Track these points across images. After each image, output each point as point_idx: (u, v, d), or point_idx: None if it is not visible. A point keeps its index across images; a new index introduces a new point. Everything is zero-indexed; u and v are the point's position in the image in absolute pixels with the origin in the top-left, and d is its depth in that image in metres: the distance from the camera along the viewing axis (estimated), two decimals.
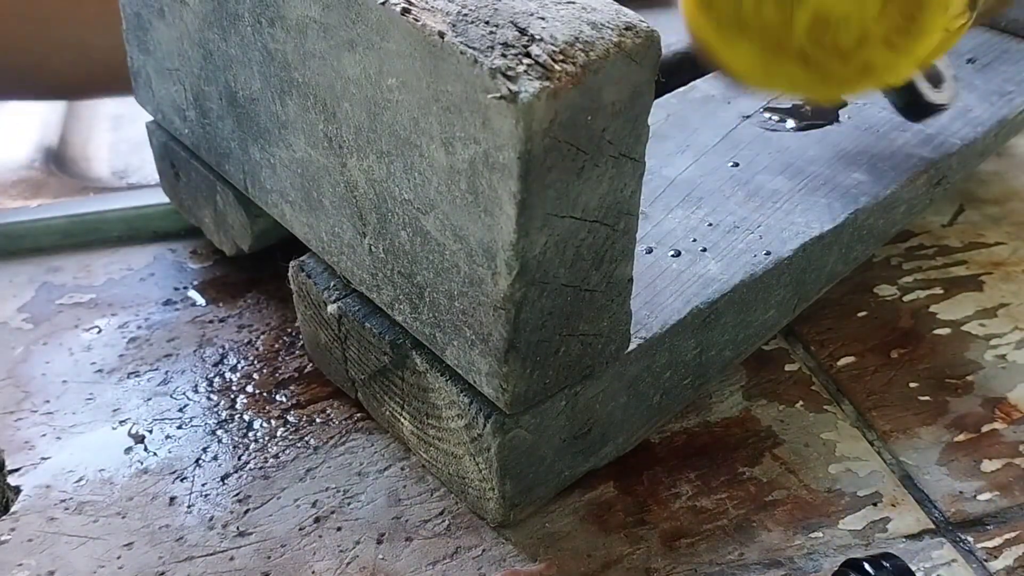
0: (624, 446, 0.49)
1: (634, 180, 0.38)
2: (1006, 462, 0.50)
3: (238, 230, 0.57)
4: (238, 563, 0.45)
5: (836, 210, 0.53)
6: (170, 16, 0.51)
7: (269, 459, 0.50)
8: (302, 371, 0.55)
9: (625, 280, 0.41)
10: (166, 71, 0.54)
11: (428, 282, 0.41)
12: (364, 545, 0.46)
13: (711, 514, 0.47)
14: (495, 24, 0.34)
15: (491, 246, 0.36)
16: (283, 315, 0.58)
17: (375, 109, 0.39)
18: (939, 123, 0.60)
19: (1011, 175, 0.72)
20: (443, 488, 0.48)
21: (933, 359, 0.56)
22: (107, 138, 0.78)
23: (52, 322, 0.58)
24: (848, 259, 0.55)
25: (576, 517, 0.47)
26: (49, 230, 0.64)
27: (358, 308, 0.47)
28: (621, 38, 0.34)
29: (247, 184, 0.52)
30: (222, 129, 0.52)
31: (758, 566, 0.45)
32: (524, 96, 0.32)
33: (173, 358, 0.56)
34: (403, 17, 0.36)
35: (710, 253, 0.50)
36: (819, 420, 0.52)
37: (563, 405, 0.43)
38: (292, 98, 0.44)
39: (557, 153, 0.34)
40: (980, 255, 0.64)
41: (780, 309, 0.52)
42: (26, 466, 0.50)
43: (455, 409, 0.43)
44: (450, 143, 0.36)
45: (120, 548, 0.46)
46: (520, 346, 0.38)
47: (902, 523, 0.47)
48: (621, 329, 0.42)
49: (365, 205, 0.43)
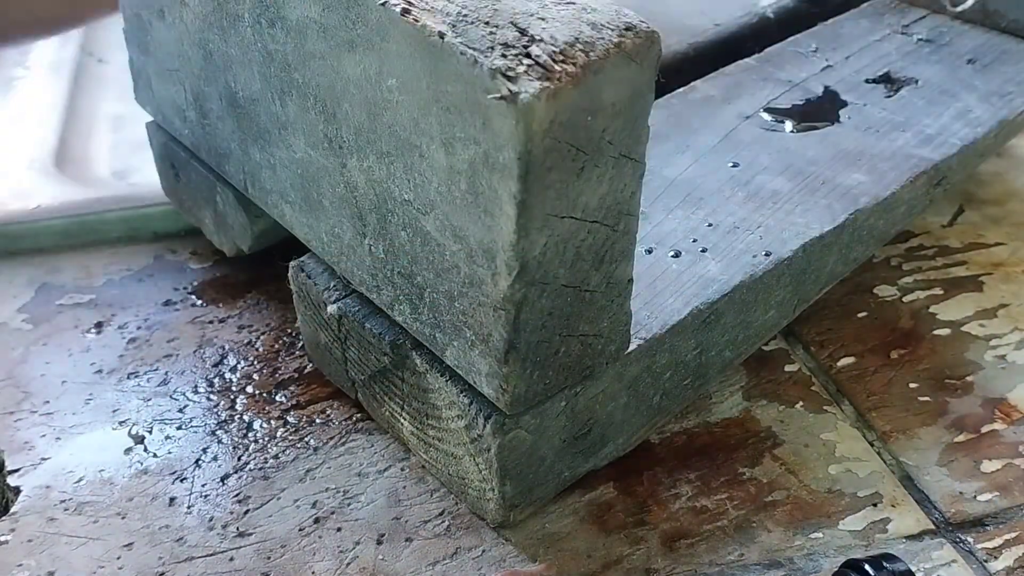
0: (624, 447, 0.48)
1: (634, 181, 0.38)
2: (1006, 462, 0.50)
3: (238, 230, 0.57)
4: (238, 563, 0.45)
5: (836, 211, 0.53)
6: (170, 17, 0.51)
7: (269, 460, 0.50)
8: (302, 372, 0.55)
9: (625, 281, 0.41)
10: (166, 72, 0.54)
11: (428, 283, 0.41)
12: (364, 546, 0.46)
13: (711, 515, 0.47)
14: (495, 25, 0.34)
15: (491, 247, 0.36)
16: (283, 316, 0.59)
17: (375, 110, 0.39)
18: (939, 123, 0.61)
19: (1011, 176, 0.72)
20: (443, 489, 0.48)
21: (933, 360, 0.56)
22: (107, 139, 0.77)
23: (52, 323, 0.58)
24: (848, 260, 0.55)
25: (576, 518, 0.47)
26: (49, 231, 0.64)
27: (358, 309, 0.47)
28: (621, 38, 0.34)
29: (247, 185, 0.52)
30: (222, 130, 0.52)
31: (758, 567, 0.45)
32: (524, 96, 0.32)
33: (173, 359, 0.56)
34: (403, 18, 0.36)
35: (710, 254, 0.50)
36: (819, 421, 0.52)
37: (563, 406, 0.43)
38: (292, 99, 0.44)
39: (557, 153, 0.34)
40: (980, 256, 0.64)
41: (780, 310, 0.52)
42: (26, 467, 0.50)
43: (455, 410, 0.43)
44: (450, 144, 0.36)
45: (120, 549, 0.46)
46: (520, 347, 0.38)
47: (902, 524, 0.47)
48: (621, 330, 0.42)
49: (365, 206, 0.43)
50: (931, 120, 0.61)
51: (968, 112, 0.62)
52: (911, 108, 0.62)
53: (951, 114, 0.61)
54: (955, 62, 0.67)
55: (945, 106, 0.62)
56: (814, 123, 0.60)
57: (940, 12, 0.73)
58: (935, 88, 0.64)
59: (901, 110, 0.62)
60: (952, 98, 0.63)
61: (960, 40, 0.70)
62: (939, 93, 0.64)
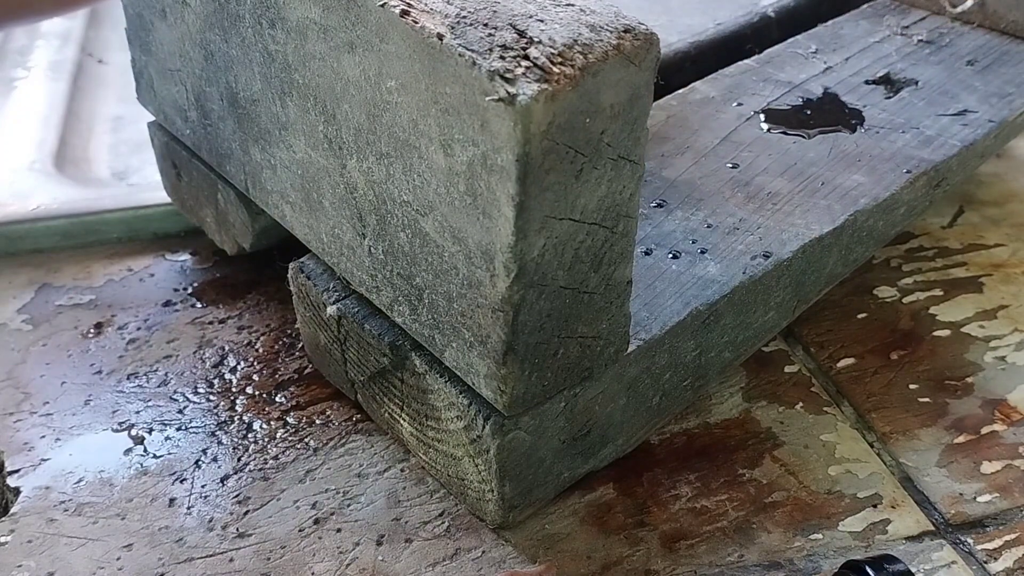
0: (624, 448, 0.48)
1: (633, 182, 0.38)
2: (1006, 464, 0.50)
3: (240, 229, 0.57)
4: (238, 564, 0.45)
5: (836, 212, 0.53)
6: (172, 17, 0.51)
7: (269, 460, 0.50)
8: (302, 372, 0.55)
9: (624, 282, 0.41)
10: (168, 72, 0.55)
11: (427, 284, 0.41)
12: (364, 546, 0.46)
13: (711, 516, 0.47)
14: (494, 26, 0.34)
15: (489, 248, 0.36)
16: (283, 316, 0.59)
17: (374, 111, 0.39)
18: (939, 124, 0.61)
19: (1010, 177, 0.72)
20: (442, 490, 0.48)
21: (933, 361, 0.56)
22: (107, 139, 0.78)
23: (51, 323, 0.58)
24: (848, 261, 0.55)
25: (576, 519, 0.47)
26: (49, 231, 0.64)
27: (357, 310, 0.47)
28: (620, 40, 0.34)
29: (248, 185, 0.52)
30: (223, 130, 0.52)
31: (758, 568, 0.45)
32: (522, 98, 0.32)
33: (172, 359, 0.56)
34: (402, 19, 0.36)
35: (709, 255, 0.50)
36: (819, 422, 0.52)
37: (562, 407, 0.43)
38: (292, 99, 0.44)
39: (555, 155, 0.34)
40: (980, 256, 0.64)
41: (780, 311, 0.52)
42: (25, 467, 0.50)
43: (454, 411, 0.43)
44: (449, 145, 0.36)
45: (120, 549, 0.46)
46: (518, 348, 0.38)
47: (902, 525, 0.47)
48: (620, 331, 0.42)
49: (365, 206, 0.43)
50: (931, 121, 0.61)
51: (968, 113, 0.62)
52: (911, 109, 0.62)
53: (951, 115, 0.61)
54: (955, 63, 0.67)
55: (945, 107, 0.62)
56: (805, 131, 0.60)
57: (940, 13, 0.73)
58: (935, 89, 0.64)
59: (901, 111, 0.62)
60: (952, 99, 0.63)
61: (960, 41, 0.70)
62: (939, 94, 0.64)
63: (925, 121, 0.61)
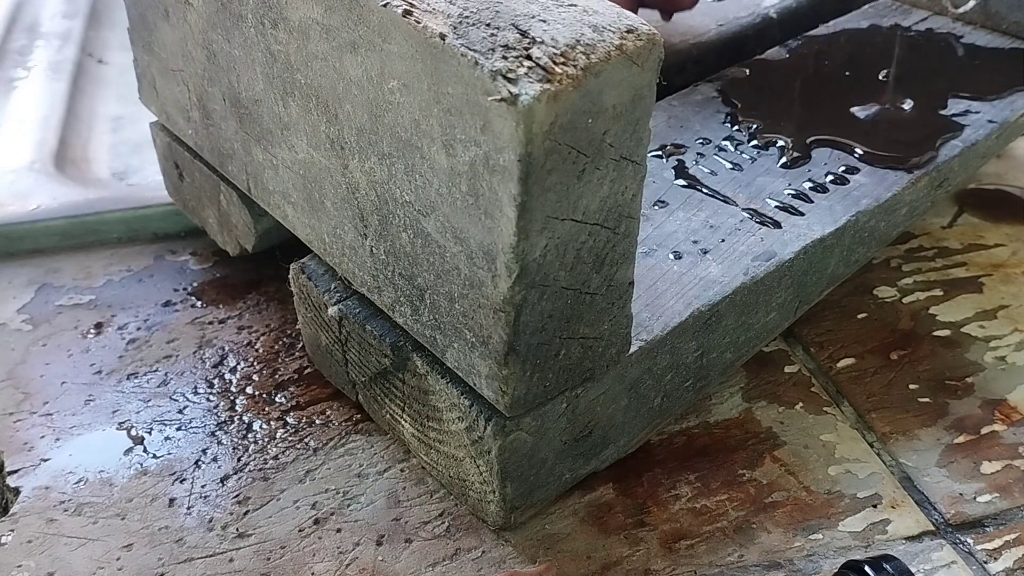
0: (625, 448, 0.48)
1: (635, 183, 0.38)
2: (1006, 464, 0.50)
3: (242, 229, 0.57)
4: (237, 564, 0.45)
5: (837, 212, 0.53)
6: (174, 17, 0.51)
7: (269, 461, 0.50)
8: (302, 372, 0.55)
9: (626, 283, 0.41)
10: (170, 72, 0.54)
11: (429, 284, 0.41)
12: (363, 547, 0.46)
13: (711, 516, 0.47)
14: (496, 26, 0.34)
15: (491, 248, 0.36)
16: (283, 316, 0.59)
17: (376, 111, 0.39)
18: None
19: (1011, 177, 0.72)
20: (442, 490, 0.48)
21: (933, 361, 0.56)
22: (107, 139, 0.77)
23: (51, 323, 0.58)
24: (849, 261, 0.55)
25: (576, 519, 0.47)
26: (49, 231, 0.64)
27: (359, 310, 0.47)
28: (623, 41, 0.34)
29: (250, 185, 0.52)
30: (225, 130, 0.52)
31: (758, 568, 0.45)
32: (524, 98, 0.32)
33: (172, 359, 0.56)
34: (404, 19, 0.36)
35: (711, 255, 0.50)
36: (819, 422, 0.52)
37: (564, 408, 0.43)
38: (294, 99, 0.44)
39: (557, 156, 0.34)
40: (980, 257, 0.64)
41: (781, 311, 0.52)
42: (25, 467, 0.50)
43: (456, 412, 0.43)
44: (451, 145, 0.36)
45: (119, 549, 0.46)
46: (520, 349, 0.38)
47: (902, 525, 0.47)
48: (622, 332, 0.42)
49: (366, 207, 0.43)
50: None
51: (969, 114, 0.62)
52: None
53: (951, 116, 0.61)
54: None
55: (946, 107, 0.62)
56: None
57: (941, 14, 0.73)
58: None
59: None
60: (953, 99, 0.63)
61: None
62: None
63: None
